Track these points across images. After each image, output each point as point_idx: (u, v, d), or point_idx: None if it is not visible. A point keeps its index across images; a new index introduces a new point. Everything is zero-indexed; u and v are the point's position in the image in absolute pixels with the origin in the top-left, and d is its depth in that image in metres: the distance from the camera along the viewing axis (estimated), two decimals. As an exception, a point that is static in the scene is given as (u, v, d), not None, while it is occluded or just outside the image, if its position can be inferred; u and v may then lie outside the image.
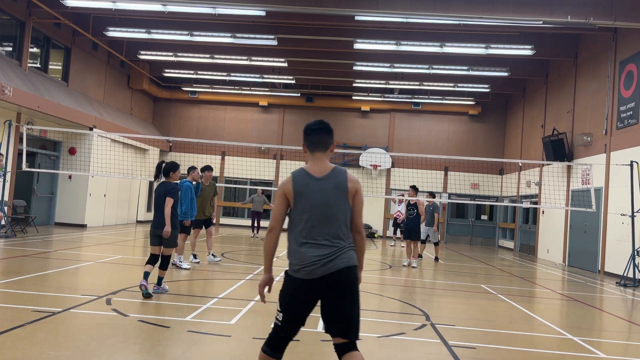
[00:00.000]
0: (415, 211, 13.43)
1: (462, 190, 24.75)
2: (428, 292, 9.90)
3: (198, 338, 5.43)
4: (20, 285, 7.56)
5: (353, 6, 13.10)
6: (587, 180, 15.62)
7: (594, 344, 6.41)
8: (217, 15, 15.25)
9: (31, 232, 15.10)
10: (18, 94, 14.29)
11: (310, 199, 3.35)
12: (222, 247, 15.48)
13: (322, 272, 3.31)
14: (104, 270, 9.70)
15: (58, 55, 18.67)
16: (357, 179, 3.47)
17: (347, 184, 3.40)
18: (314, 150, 3.47)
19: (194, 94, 25.74)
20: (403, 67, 19.49)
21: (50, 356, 4.54)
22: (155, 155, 24.67)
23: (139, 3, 14.35)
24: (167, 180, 7.65)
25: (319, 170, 3.42)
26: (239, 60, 19.92)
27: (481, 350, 5.76)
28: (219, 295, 7.85)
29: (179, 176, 7.87)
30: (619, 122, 14.67)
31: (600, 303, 10.17)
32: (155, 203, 7.63)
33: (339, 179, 3.40)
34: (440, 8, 12.91)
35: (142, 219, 23.94)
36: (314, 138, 3.47)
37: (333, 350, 3.54)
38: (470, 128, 25.64)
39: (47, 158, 18.23)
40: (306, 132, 3.51)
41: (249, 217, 24.92)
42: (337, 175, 3.40)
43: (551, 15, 12.88)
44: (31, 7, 16.15)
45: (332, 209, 3.35)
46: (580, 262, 16.22)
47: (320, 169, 3.42)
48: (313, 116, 25.90)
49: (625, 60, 14.65)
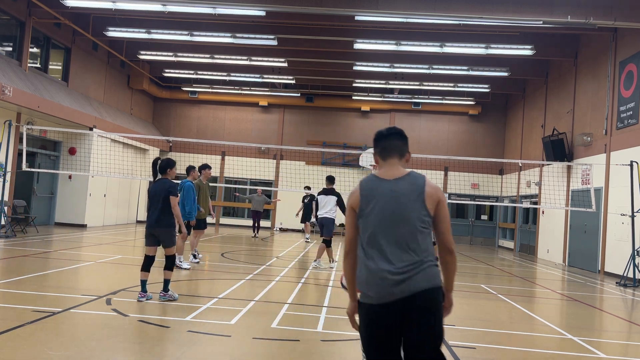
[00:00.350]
0: None
1: (462, 190, 24.75)
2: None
3: (198, 338, 5.43)
4: (20, 285, 7.56)
5: (353, 6, 13.10)
6: (587, 180, 15.62)
7: (594, 344, 6.41)
8: (217, 15, 15.25)
9: (31, 232, 15.10)
10: (18, 94, 14.29)
11: (379, 202, 2.89)
12: (222, 247, 15.49)
13: (397, 294, 2.75)
14: (104, 270, 9.70)
15: (58, 55, 18.67)
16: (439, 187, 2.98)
17: (425, 188, 2.90)
18: (386, 157, 3.05)
19: (194, 94, 25.74)
20: (403, 67, 19.49)
21: (50, 356, 4.54)
22: (155, 155, 24.65)
23: (139, 3, 14.34)
24: (164, 178, 7.31)
25: (390, 174, 2.99)
26: (239, 60, 19.91)
27: (481, 350, 5.76)
28: (219, 295, 7.85)
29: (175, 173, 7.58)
30: (619, 122, 14.67)
31: (600, 303, 10.17)
32: (150, 201, 7.26)
33: (416, 182, 2.93)
34: (440, 8, 12.91)
35: (142, 219, 23.93)
36: (387, 143, 3.07)
37: (333, 350, 3.52)
38: (470, 128, 25.64)
39: (47, 158, 18.23)
40: (378, 138, 3.11)
41: (249, 217, 24.95)
42: (413, 179, 2.94)
43: (551, 15, 12.88)
44: (31, 7, 16.15)
45: (404, 213, 2.85)
46: (580, 262, 16.22)
47: (392, 173, 2.98)
48: (313, 116, 25.95)
49: (625, 60, 14.65)
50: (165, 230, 7.13)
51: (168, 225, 7.14)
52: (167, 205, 7.09)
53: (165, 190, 7.11)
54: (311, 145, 25.45)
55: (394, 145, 3.08)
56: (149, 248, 7.24)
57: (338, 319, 6.90)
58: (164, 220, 7.10)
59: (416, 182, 2.93)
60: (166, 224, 7.12)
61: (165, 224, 7.12)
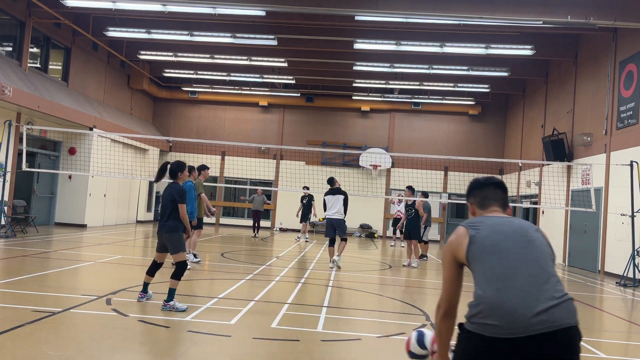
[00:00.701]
0: (413, 211, 13.46)
1: (462, 190, 24.74)
2: (428, 292, 9.90)
3: (198, 338, 5.43)
4: (20, 285, 7.56)
5: (353, 6, 13.10)
6: (587, 180, 15.62)
7: (594, 344, 6.41)
8: (217, 15, 15.25)
9: (31, 232, 15.11)
10: (18, 94, 14.29)
11: (502, 232, 2.55)
12: (222, 247, 15.49)
13: (535, 328, 2.29)
14: (104, 270, 9.70)
15: (58, 55, 18.67)
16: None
17: (546, 238, 2.64)
18: (487, 206, 2.78)
19: (194, 94, 25.75)
20: (403, 67, 19.49)
21: (50, 356, 4.54)
22: (155, 155, 24.67)
23: (139, 3, 14.35)
24: (175, 182, 7.08)
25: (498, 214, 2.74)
26: (239, 60, 19.92)
27: (481, 350, 5.75)
28: (219, 295, 7.86)
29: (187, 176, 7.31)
30: (619, 122, 14.67)
31: (600, 303, 10.17)
32: (162, 204, 7.05)
33: (533, 227, 2.64)
34: (440, 8, 12.91)
35: (142, 219, 23.94)
36: (489, 192, 2.81)
37: (333, 350, 3.51)
38: (470, 128, 25.64)
39: (47, 158, 18.23)
40: (476, 187, 2.86)
41: (249, 217, 24.96)
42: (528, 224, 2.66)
43: (551, 15, 12.88)
44: (31, 7, 16.15)
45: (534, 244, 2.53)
46: (580, 262, 16.22)
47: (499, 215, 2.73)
48: (313, 116, 25.95)
49: (625, 60, 14.65)
50: (169, 234, 6.84)
51: (172, 229, 6.83)
52: (174, 210, 6.85)
53: (173, 196, 6.87)
54: (311, 145, 25.45)
55: (498, 194, 2.81)
56: (158, 254, 7.04)
57: (338, 319, 6.91)
58: (168, 224, 6.86)
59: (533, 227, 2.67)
60: (170, 228, 6.84)
61: (169, 228, 6.85)
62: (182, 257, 6.83)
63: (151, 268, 7.04)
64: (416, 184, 22.95)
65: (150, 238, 17.18)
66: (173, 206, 6.87)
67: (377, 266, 13.36)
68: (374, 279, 11.10)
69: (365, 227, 24.84)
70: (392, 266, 13.50)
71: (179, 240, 6.86)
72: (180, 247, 6.85)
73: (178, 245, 6.83)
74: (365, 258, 15.09)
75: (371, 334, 6.08)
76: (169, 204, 6.89)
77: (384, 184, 25.30)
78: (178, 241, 6.85)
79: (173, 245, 6.83)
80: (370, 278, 11.06)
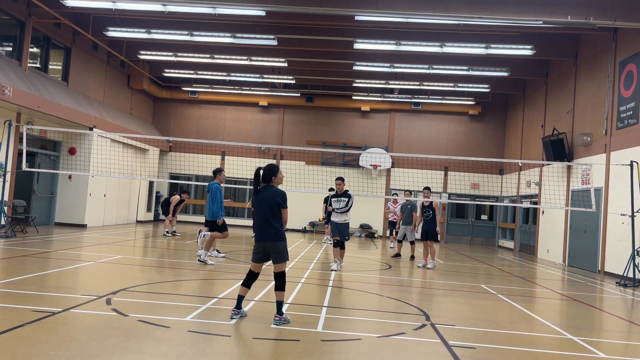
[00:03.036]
0: (431, 212, 13.38)
1: (462, 190, 24.76)
2: (428, 292, 9.90)
3: (198, 338, 5.43)
4: (20, 285, 7.56)
5: (353, 6, 13.10)
6: (587, 180, 15.62)
7: (594, 344, 6.41)
8: (217, 15, 15.25)
9: (31, 232, 15.10)
10: (18, 94, 14.29)
11: None
12: (222, 247, 15.48)
13: None
14: (104, 270, 9.70)
15: (58, 55, 18.67)
16: None
17: None
18: None
19: (194, 94, 25.75)
20: (403, 67, 19.49)
21: (50, 356, 4.54)
22: (155, 155, 24.68)
23: (139, 3, 14.35)
24: (270, 186, 6.60)
25: None
26: (239, 60, 19.92)
27: (481, 350, 5.76)
28: (219, 295, 7.85)
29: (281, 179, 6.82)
30: (619, 122, 14.67)
31: (600, 303, 10.17)
32: (259, 210, 6.45)
33: None
34: (440, 8, 12.91)
35: (142, 219, 23.94)
36: None
37: (333, 350, 3.52)
38: (470, 128, 25.64)
39: (47, 158, 18.23)
40: None
41: (249, 217, 24.98)
42: None
43: (551, 15, 12.88)
44: (31, 7, 16.15)
45: None
46: (580, 262, 16.22)
47: None
48: (313, 116, 25.95)
49: (625, 60, 14.65)
50: (276, 243, 6.38)
51: (279, 237, 6.39)
52: (278, 216, 6.41)
53: (276, 200, 6.42)
54: (311, 145, 25.45)
55: None
56: (256, 264, 6.51)
57: (338, 319, 6.91)
58: (274, 232, 6.38)
59: None
60: (277, 236, 6.38)
61: (275, 236, 6.38)
62: (284, 267, 6.48)
63: (247, 280, 6.50)
64: (416, 184, 22.99)
65: (151, 238, 17.19)
66: (276, 211, 6.42)
67: (377, 266, 13.35)
68: (374, 279, 11.10)
69: (365, 227, 24.84)
70: (391, 266, 13.49)
71: (284, 249, 6.47)
72: (286, 255, 6.48)
73: (285, 254, 6.46)
74: (365, 258, 15.09)
75: (371, 334, 6.08)
76: (272, 208, 6.39)
77: (384, 184, 25.30)
78: (284, 249, 6.46)
79: (280, 254, 6.41)
80: (370, 278, 11.06)
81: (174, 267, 10.64)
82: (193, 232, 20.06)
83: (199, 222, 25.17)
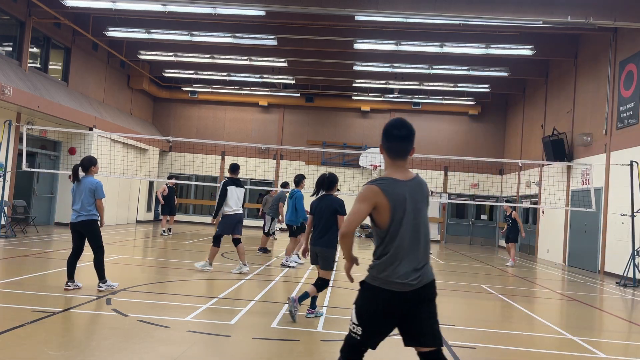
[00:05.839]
0: (511, 221, 15.82)
1: (462, 190, 24.75)
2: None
3: (198, 338, 5.43)
4: (20, 285, 7.56)
5: (353, 6, 13.10)
6: (587, 180, 15.62)
7: (594, 344, 6.41)
8: (217, 15, 15.25)
9: (31, 232, 15.10)
10: (18, 94, 14.29)
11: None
12: (222, 247, 15.45)
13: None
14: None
15: (58, 55, 18.67)
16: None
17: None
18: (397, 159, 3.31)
19: (194, 94, 25.75)
20: (403, 67, 19.49)
21: (50, 356, 4.54)
22: (155, 155, 24.67)
23: (139, 3, 14.35)
24: (329, 194, 6.88)
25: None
26: (239, 60, 19.91)
27: (481, 350, 5.76)
28: (219, 295, 7.85)
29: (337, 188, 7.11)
30: (619, 122, 14.67)
31: (600, 303, 10.17)
32: (318, 217, 6.76)
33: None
34: (440, 8, 12.91)
35: (142, 219, 23.94)
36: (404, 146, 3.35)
37: (333, 350, 3.53)
38: (470, 128, 25.64)
39: (47, 158, 18.22)
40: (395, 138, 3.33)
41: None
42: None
43: (551, 15, 12.88)
44: (31, 7, 16.15)
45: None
46: (580, 262, 16.22)
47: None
48: (313, 116, 25.94)
49: (625, 60, 14.65)
50: (325, 250, 6.64)
51: (330, 244, 6.65)
52: (331, 224, 6.66)
53: (334, 208, 6.69)
54: (311, 145, 25.45)
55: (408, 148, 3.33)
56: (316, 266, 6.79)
57: (338, 319, 6.91)
58: (326, 238, 6.65)
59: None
60: (328, 243, 6.65)
61: (326, 243, 6.64)
62: (330, 274, 6.69)
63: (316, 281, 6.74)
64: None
65: (150, 238, 17.18)
66: (332, 219, 6.66)
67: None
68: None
69: (366, 227, 24.83)
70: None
71: (333, 257, 6.73)
72: (333, 264, 6.72)
73: (331, 262, 6.70)
74: (365, 258, 15.10)
75: (371, 334, 6.08)
76: (328, 216, 6.66)
77: (384, 184, 25.25)
78: (332, 258, 6.72)
79: (327, 262, 6.65)
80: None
81: (174, 267, 10.63)
82: (193, 232, 20.06)
83: (199, 222, 25.19)
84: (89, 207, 7.51)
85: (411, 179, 3.24)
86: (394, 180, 3.19)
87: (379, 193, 3.12)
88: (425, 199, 3.26)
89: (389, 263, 3.13)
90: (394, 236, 3.13)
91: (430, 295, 3.22)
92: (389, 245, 3.14)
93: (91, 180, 7.65)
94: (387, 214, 3.13)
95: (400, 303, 3.13)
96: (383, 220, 3.15)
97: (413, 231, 3.16)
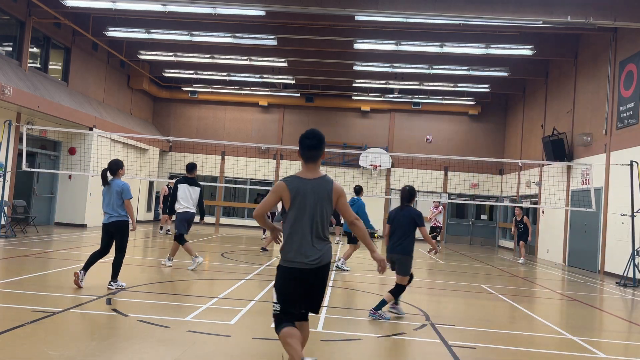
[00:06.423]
0: (522, 226, 16.71)
1: (461, 190, 24.76)
2: (428, 292, 9.90)
3: (198, 338, 5.43)
4: (20, 285, 7.56)
5: (353, 6, 13.10)
6: (587, 180, 15.62)
7: (594, 344, 6.41)
8: (217, 15, 15.25)
9: (31, 232, 15.10)
10: (18, 94, 14.29)
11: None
12: (222, 247, 15.49)
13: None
14: (104, 270, 9.68)
15: (58, 55, 18.67)
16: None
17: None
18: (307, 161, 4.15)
19: (194, 94, 25.75)
20: (403, 67, 19.49)
21: (50, 356, 4.54)
22: (155, 155, 24.67)
23: (139, 3, 14.35)
24: (409, 206, 7.29)
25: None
26: (239, 60, 19.92)
27: (481, 350, 5.76)
28: (219, 295, 7.85)
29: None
30: (619, 122, 14.67)
31: (600, 303, 10.17)
32: (396, 226, 7.19)
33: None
34: (440, 8, 12.91)
35: (142, 219, 23.94)
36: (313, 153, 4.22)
37: (333, 350, 3.54)
38: (470, 128, 25.64)
39: (47, 158, 18.22)
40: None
41: (248, 217, 24.95)
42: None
43: (551, 15, 12.88)
44: (31, 7, 16.15)
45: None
46: (580, 262, 16.22)
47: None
48: (313, 116, 25.94)
49: (625, 60, 14.65)
50: (402, 256, 7.06)
51: (407, 251, 7.08)
52: (409, 233, 7.08)
53: (413, 218, 7.11)
54: (311, 145, 25.40)
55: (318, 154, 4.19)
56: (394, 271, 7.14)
57: (338, 319, 6.91)
58: (403, 246, 7.07)
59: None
60: (405, 250, 7.07)
61: (403, 250, 7.07)
62: (405, 280, 7.07)
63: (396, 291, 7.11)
64: (416, 184, 22.97)
65: (150, 238, 17.19)
66: (411, 228, 7.08)
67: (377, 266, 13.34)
68: (374, 279, 11.09)
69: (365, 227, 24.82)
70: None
71: (409, 264, 7.10)
72: (408, 270, 7.07)
73: (407, 268, 7.05)
74: (365, 258, 15.10)
75: (371, 334, 6.08)
76: (407, 226, 7.08)
77: (384, 184, 25.30)
78: (408, 264, 7.08)
79: (403, 267, 7.03)
80: (370, 278, 11.06)
81: (174, 267, 10.63)
82: (193, 232, 20.06)
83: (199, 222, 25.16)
84: (119, 209, 7.81)
85: (315, 178, 4.06)
86: (300, 179, 3.99)
87: (284, 188, 3.91)
88: (326, 193, 4.01)
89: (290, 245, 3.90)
90: (293, 223, 3.87)
91: (324, 275, 4.00)
92: (291, 229, 3.88)
93: (118, 182, 8.01)
94: (289, 204, 3.90)
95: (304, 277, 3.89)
96: (287, 208, 3.92)
97: (310, 220, 3.87)
